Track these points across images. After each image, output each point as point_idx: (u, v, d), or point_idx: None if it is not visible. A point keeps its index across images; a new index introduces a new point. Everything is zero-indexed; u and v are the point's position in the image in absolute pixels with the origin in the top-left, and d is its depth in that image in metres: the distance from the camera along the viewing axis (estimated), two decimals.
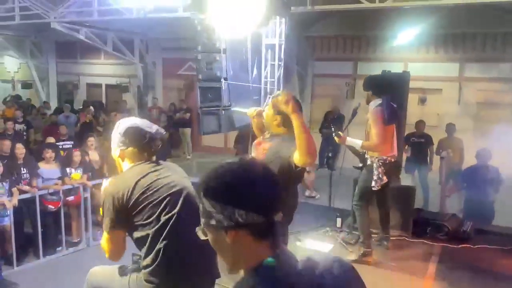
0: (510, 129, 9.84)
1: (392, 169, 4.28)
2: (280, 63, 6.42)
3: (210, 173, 1.06)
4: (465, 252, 4.69)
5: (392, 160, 4.23)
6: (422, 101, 10.17)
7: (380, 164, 4.13)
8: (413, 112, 9.97)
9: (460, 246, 4.80)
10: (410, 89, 10.19)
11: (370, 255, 4.28)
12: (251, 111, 3.22)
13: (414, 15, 8.95)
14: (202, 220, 1.05)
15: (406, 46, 9.87)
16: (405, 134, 7.72)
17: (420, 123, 7.76)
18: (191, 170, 8.12)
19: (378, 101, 4.13)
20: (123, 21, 10.16)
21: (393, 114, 4.17)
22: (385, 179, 4.13)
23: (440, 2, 7.07)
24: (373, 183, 4.12)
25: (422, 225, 5.08)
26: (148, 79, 13.26)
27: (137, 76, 13.08)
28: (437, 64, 10.19)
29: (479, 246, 4.77)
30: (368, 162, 4.23)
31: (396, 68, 8.13)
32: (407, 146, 7.57)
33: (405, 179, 5.49)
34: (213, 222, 1.02)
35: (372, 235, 4.54)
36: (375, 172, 4.11)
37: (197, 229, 1.07)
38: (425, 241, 4.89)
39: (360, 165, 4.39)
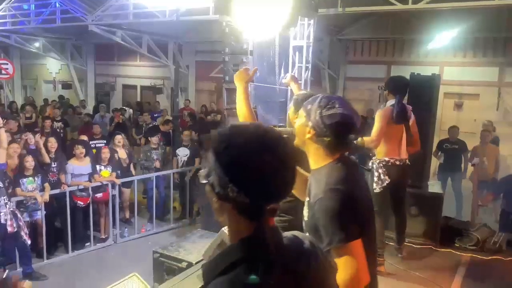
0: None
1: (399, 172, 4.07)
2: (307, 65, 6.34)
3: (229, 133, 1.02)
4: (496, 264, 4.45)
5: (397, 163, 4.04)
6: (458, 106, 9.82)
7: (381, 165, 3.98)
8: (449, 117, 9.68)
9: (490, 257, 4.57)
10: (446, 94, 9.91)
11: (382, 264, 4.11)
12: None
13: (450, 18, 8.65)
14: (205, 169, 1.01)
15: (442, 49, 9.58)
16: (439, 140, 7.57)
17: (453, 129, 7.47)
18: None
19: (392, 101, 4.01)
20: (158, 24, 10.39)
21: (403, 114, 4.00)
22: (387, 179, 3.96)
23: (473, 4, 6.79)
24: (374, 185, 3.97)
25: (451, 234, 4.87)
26: (181, 81, 13.47)
27: (171, 78, 13.32)
28: (475, 69, 9.81)
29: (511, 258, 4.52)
30: (369, 164, 4.09)
31: (431, 72, 7.88)
32: (440, 152, 7.34)
33: (433, 186, 5.29)
34: (210, 179, 0.99)
35: (391, 243, 4.39)
36: (376, 174, 3.97)
37: (200, 171, 1.03)
38: (453, 251, 4.69)
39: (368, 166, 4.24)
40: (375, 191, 3.97)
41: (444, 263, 4.46)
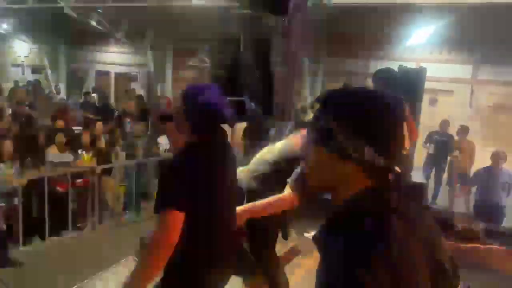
0: None
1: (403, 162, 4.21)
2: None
3: (348, 92, 1.09)
4: (474, 251, 4.65)
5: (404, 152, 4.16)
6: (432, 102, 10.11)
7: None
8: (424, 112, 9.92)
9: (468, 245, 4.76)
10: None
11: None
12: None
13: (428, 15, 8.89)
14: (316, 135, 1.03)
15: (419, 46, 9.82)
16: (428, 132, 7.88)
17: (444, 122, 7.82)
18: None
19: None
20: (136, 9, 10.15)
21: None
22: (398, 169, 4.07)
23: (450, 2, 7.00)
24: None
25: None
26: (158, 69, 13.27)
27: (147, 65, 13.09)
28: (450, 66, 10.13)
29: (488, 246, 4.73)
30: None
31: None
32: (429, 143, 7.64)
33: (415, 175, 5.45)
34: (332, 142, 0.98)
35: None
36: None
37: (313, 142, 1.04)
38: None
39: None
40: None
41: None
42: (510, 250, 4.64)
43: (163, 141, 7.64)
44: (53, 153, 6.13)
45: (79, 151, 6.32)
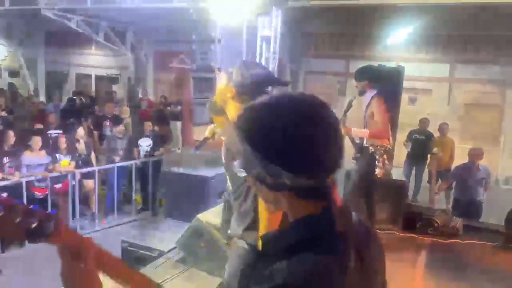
0: (497, 131, 10.04)
1: (388, 157, 4.29)
2: (275, 55, 6.41)
3: (258, 109, 0.86)
4: (454, 246, 4.73)
5: (389, 147, 4.24)
6: (412, 100, 10.26)
7: (383, 151, 4.13)
8: (404, 110, 10.06)
9: (449, 241, 4.84)
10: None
11: None
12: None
13: (407, 15, 9.01)
14: (241, 161, 0.86)
15: (398, 45, 9.95)
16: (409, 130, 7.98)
17: (423, 121, 7.93)
18: (180, 163, 8.06)
19: (374, 90, 4.13)
20: (116, 11, 10.04)
21: (394, 102, 4.20)
22: (387, 165, 4.15)
23: (432, 1, 7.13)
24: (377, 170, 4.11)
25: (412, 220, 5.11)
26: (139, 71, 13.14)
27: (128, 67, 12.95)
28: (428, 65, 10.30)
29: (468, 241, 4.82)
30: (371, 150, 4.19)
31: None
32: (408, 141, 7.75)
33: (395, 173, 5.53)
34: (254, 172, 0.84)
35: None
36: (380, 160, 4.10)
37: (236, 166, 0.89)
38: (415, 235, 4.92)
39: (358, 155, 4.36)
40: (378, 175, 4.12)
41: (408, 246, 4.68)
42: (487, 245, 4.73)
43: (144, 143, 7.56)
44: (29, 157, 6.01)
45: (57, 155, 6.21)
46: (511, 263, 4.32)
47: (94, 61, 14.70)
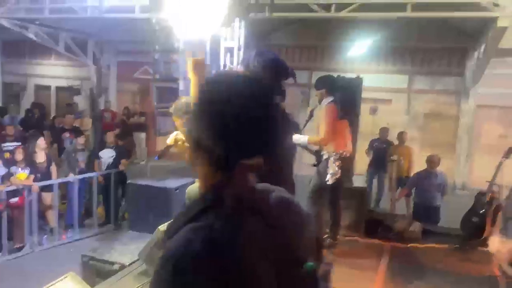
0: (453, 139, 10.48)
1: (346, 165, 4.36)
2: (238, 66, 6.45)
3: (212, 79, 0.97)
4: (414, 250, 4.87)
5: (347, 155, 4.32)
6: (373, 111, 10.54)
7: (337, 158, 4.21)
8: (365, 121, 10.35)
9: (409, 245, 4.98)
10: (362, 99, 10.65)
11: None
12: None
13: (367, 28, 9.33)
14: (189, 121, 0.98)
15: (359, 57, 10.25)
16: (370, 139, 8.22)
17: (383, 130, 8.18)
18: (145, 174, 7.94)
19: (330, 98, 4.23)
20: (77, 21, 9.85)
21: (345, 110, 4.29)
22: (339, 173, 4.20)
23: (391, 15, 7.42)
24: (327, 177, 4.17)
25: (374, 226, 5.23)
26: (102, 82, 12.90)
27: (90, 78, 12.69)
28: (388, 76, 10.65)
29: (427, 245, 4.98)
30: (325, 156, 4.28)
31: None
32: (370, 150, 7.94)
33: (357, 181, 5.65)
34: (190, 129, 0.95)
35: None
36: (331, 166, 4.18)
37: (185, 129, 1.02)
38: (376, 241, 5.04)
39: (316, 162, 4.43)
40: (327, 183, 4.16)
41: (370, 252, 4.78)
42: (445, 247, 4.90)
43: (106, 155, 7.40)
44: None
45: (13, 168, 5.98)
46: (468, 264, 4.49)
47: (54, 72, 14.30)
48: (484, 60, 8.58)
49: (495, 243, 2.03)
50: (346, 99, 4.98)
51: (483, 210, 4.91)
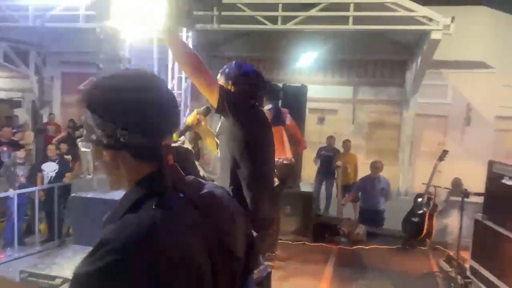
0: (396, 148, 10.99)
1: (285, 171, 4.40)
2: (187, 76, 6.45)
3: (98, 80, 0.96)
4: (359, 252, 5.05)
5: (285, 162, 4.38)
6: (321, 120, 10.87)
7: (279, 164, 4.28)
8: (313, 130, 10.66)
9: (354, 247, 5.16)
10: (310, 109, 10.97)
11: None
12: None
13: (313, 40, 9.66)
14: (84, 132, 0.96)
15: (306, 69, 10.58)
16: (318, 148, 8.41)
17: (330, 138, 8.46)
18: (92, 187, 7.67)
19: (268, 106, 4.34)
20: (18, 30, 9.47)
21: (279, 117, 4.38)
22: (276, 180, 4.24)
23: (334, 27, 7.73)
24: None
25: (321, 230, 5.37)
26: (45, 94, 12.41)
27: (32, 90, 12.17)
28: (333, 87, 11.05)
29: (371, 246, 5.18)
30: None
31: None
32: (317, 158, 8.15)
33: (304, 186, 5.78)
34: (92, 137, 0.93)
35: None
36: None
37: (78, 140, 1.00)
38: (324, 245, 5.17)
39: None
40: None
41: (317, 255, 4.90)
42: (388, 248, 5.13)
43: (48, 169, 7.09)
44: None
45: None
46: (407, 263, 4.73)
47: None
48: (421, 72, 9.12)
49: None
50: (292, 105, 5.15)
51: (421, 211, 5.19)
